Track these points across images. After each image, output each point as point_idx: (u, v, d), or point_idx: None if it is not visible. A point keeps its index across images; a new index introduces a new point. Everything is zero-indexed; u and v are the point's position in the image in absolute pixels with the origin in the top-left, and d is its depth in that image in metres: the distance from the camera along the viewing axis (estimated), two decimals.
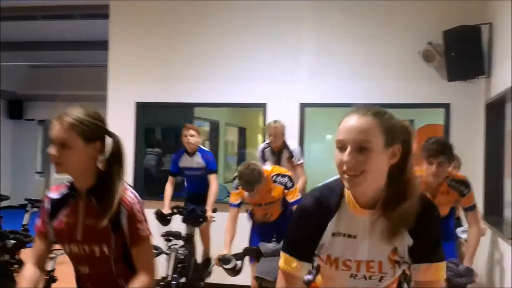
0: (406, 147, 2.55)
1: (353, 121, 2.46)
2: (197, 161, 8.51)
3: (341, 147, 2.45)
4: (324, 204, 2.65)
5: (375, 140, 2.42)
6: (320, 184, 2.79)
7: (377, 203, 2.57)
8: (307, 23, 9.35)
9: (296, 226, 2.74)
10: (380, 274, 2.69)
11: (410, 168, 2.57)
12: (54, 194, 3.26)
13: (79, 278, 3.34)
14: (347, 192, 2.62)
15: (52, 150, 3.03)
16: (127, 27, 10.09)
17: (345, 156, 2.42)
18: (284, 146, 8.50)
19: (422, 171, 5.62)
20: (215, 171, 8.59)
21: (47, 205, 3.25)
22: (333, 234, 2.66)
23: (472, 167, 7.83)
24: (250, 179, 6.39)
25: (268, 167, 6.92)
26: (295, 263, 2.68)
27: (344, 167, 2.43)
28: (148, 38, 9.96)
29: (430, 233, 2.63)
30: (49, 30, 13.95)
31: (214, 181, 8.44)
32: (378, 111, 2.50)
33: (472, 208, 5.84)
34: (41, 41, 15.15)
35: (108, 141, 3.18)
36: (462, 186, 5.76)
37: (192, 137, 8.45)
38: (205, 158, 8.51)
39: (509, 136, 7.16)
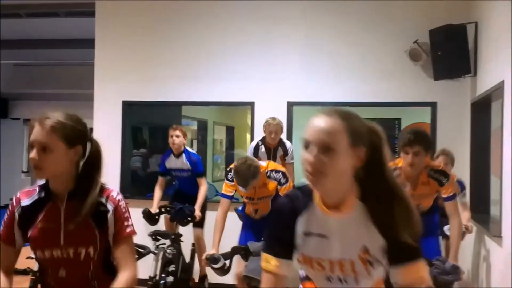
0: (375, 149, 2.58)
1: (319, 121, 2.50)
2: (183, 162, 8.49)
3: (307, 146, 2.49)
4: (294, 203, 2.70)
5: (339, 141, 2.45)
6: (297, 184, 2.83)
7: (343, 204, 2.60)
8: (295, 23, 9.36)
9: (271, 225, 2.80)
10: (354, 275, 2.70)
11: (386, 170, 2.60)
12: (24, 202, 3.17)
13: (48, 285, 3.27)
14: (316, 193, 2.66)
15: (32, 154, 2.96)
16: (113, 26, 10.05)
17: (310, 155, 2.46)
18: (280, 143, 8.52)
19: (401, 162, 5.63)
20: (202, 174, 8.59)
21: (15, 213, 3.16)
22: (306, 234, 2.69)
23: (458, 165, 7.86)
24: (246, 175, 6.36)
25: (263, 163, 6.90)
26: (274, 261, 2.70)
27: (308, 167, 2.47)
28: (135, 37, 9.93)
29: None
30: (34, 28, 13.88)
31: (203, 184, 8.43)
32: (345, 113, 2.53)
33: (451, 198, 5.70)
34: (26, 40, 15.08)
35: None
36: (441, 175, 5.71)
37: (178, 138, 8.41)
38: (190, 160, 8.48)
39: (495, 134, 7.20)
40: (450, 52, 8.22)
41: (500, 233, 6.38)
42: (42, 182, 3.19)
